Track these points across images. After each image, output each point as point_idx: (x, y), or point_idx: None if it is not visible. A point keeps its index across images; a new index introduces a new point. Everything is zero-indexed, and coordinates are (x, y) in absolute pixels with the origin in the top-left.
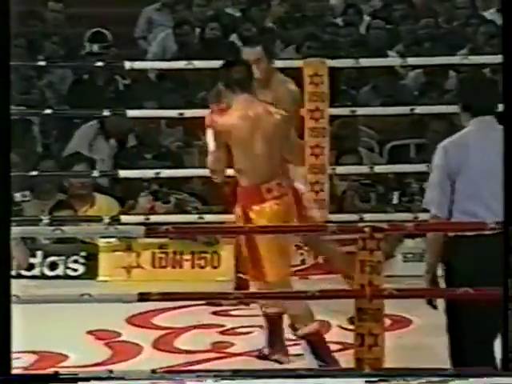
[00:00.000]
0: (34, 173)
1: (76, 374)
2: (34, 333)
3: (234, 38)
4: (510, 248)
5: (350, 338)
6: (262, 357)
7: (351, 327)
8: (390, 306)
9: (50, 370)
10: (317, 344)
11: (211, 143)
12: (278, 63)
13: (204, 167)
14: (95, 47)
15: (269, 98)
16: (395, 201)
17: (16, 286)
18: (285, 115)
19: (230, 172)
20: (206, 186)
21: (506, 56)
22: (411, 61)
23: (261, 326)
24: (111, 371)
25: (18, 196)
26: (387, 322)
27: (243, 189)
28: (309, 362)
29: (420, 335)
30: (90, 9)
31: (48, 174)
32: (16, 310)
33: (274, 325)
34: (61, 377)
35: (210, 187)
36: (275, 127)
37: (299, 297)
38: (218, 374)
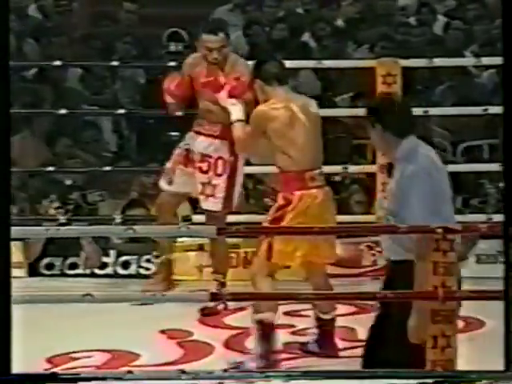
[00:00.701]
0: (108, 168)
1: (76, 374)
2: (106, 331)
3: (305, 37)
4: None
5: None
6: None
7: None
8: (464, 308)
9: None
10: (265, 334)
11: (249, 128)
12: (351, 63)
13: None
14: (173, 47)
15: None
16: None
17: (90, 285)
18: (317, 110)
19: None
20: None
21: (506, 57)
22: (485, 60)
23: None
24: (183, 371)
25: (93, 196)
26: (461, 323)
27: (286, 175)
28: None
29: (492, 337)
30: (163, 9)
31: (121, 169)
32: (89, 308)
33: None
34: (61, 377)
35: None
36: (315, 118)
37: (368, 298)
38: (288, 373)
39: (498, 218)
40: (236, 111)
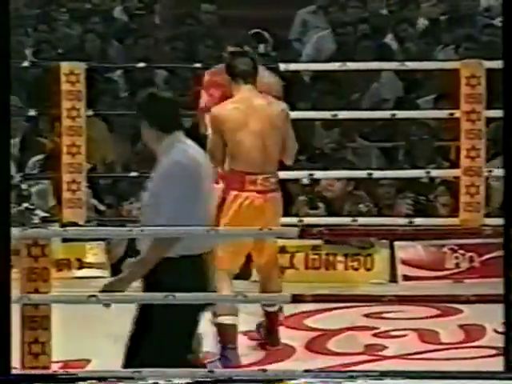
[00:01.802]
0: None
1: (75, 374)
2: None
3: (388, 38)
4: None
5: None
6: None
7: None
8: None
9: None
10: (225, 337)
11: (209, 130)
12: (434, 64)
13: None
14: (265, 48)
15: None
16: None
17: None
18: (285, 111)
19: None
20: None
21: (506, 58)
22: None
23: (415, 330)
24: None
25: None
26: None
27: (229, 173)
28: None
29: None
30: (243, 10)
31: None
32: None
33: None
34: (60, 377)
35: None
36: (272, 121)
37: (454, 300)
38: (368, 374)
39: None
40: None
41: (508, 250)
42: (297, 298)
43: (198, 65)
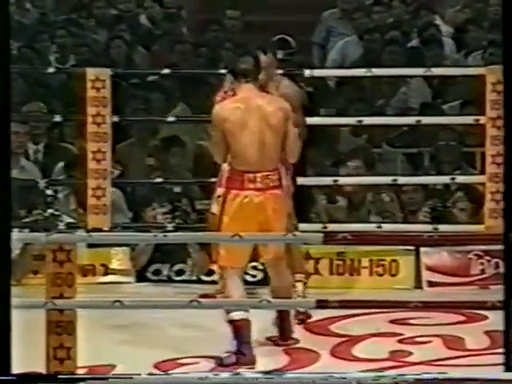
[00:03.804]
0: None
1: (75, 374)
2: (211, 337)
3: (414, 42)
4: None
5: None
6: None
7: None
8: None
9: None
10: (237, 332)
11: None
12: (460, 71)
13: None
14: (280, 54)
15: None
16: None
17: (198, 291)
18: (286, 110)
19: None
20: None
21: (506, 60)
22: None
23: (440, 336)
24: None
25: (201, 204)
26: None
27: (228, 172)
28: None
29: None
30: (268, 16)
31: None
32: (195, 314)
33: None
34: (61, 377)
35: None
36: (273, 120)
37: (480, 307)
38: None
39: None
40: None
41: (509, 256)
42: (322, 304)
43: (223, 71)
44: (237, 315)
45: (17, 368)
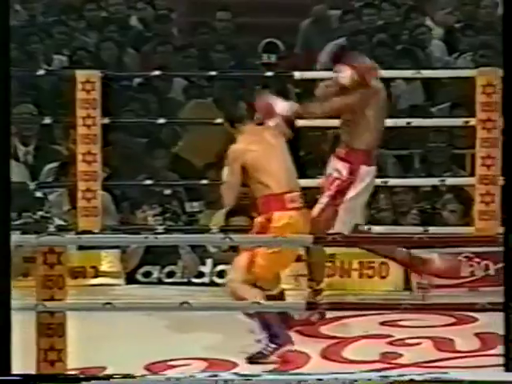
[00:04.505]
0: (204, 181)
1: (76, 375)
2: (203, 339)
3: (405, 44)
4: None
5: None
6: None
7: None
8: None
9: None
10: (265, 320)
11: (226, 169)
12: (450, 73)
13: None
14: (268, 57)
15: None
16: None
17: (187, 293)
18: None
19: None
20: None
21: (506, 61)
22: None
23: (430, 338)
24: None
25: (191, 205)
26: None
27: (266, 197)
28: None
29: None
30: (259, 18)
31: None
32: (186, 316)
33: None
34: (61, 377)
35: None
36: (283, 144)
37: (470, 309)
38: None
39: None
40: None
41: (508, 257)
42: (312, 306)
43: (213, 73)
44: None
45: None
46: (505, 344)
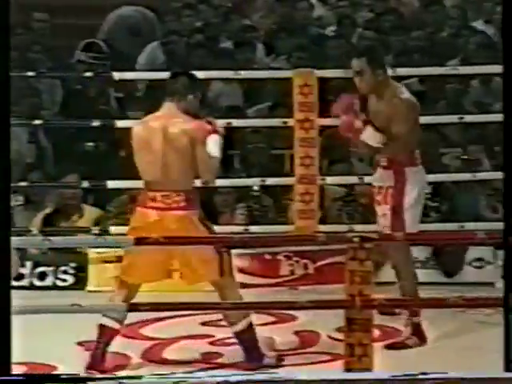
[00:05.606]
0: (24, 183)
1: (76, 375)
2: (22, 343)
3: (226, 45)
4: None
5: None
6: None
7: (340, 337)
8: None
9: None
10: (247, 339)
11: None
12: (268, 73)
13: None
14: (86, 57)
15: (381, 109)
16: None
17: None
18: (192, 134)
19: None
20: None
21: (506, 61)
22: (402, 71)
23: None
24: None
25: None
26: (377, 332)
27: (139, 191)
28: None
29: None
30: (78, 19)
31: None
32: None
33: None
34: (60, 377)
35: None
36: (178, 139)
37: (289, 307)
38: None
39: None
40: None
41: (509, 257)
42: (133, 307)
43: (30, 73)
44: (248, 320)
45: None
46: (505, 344)
